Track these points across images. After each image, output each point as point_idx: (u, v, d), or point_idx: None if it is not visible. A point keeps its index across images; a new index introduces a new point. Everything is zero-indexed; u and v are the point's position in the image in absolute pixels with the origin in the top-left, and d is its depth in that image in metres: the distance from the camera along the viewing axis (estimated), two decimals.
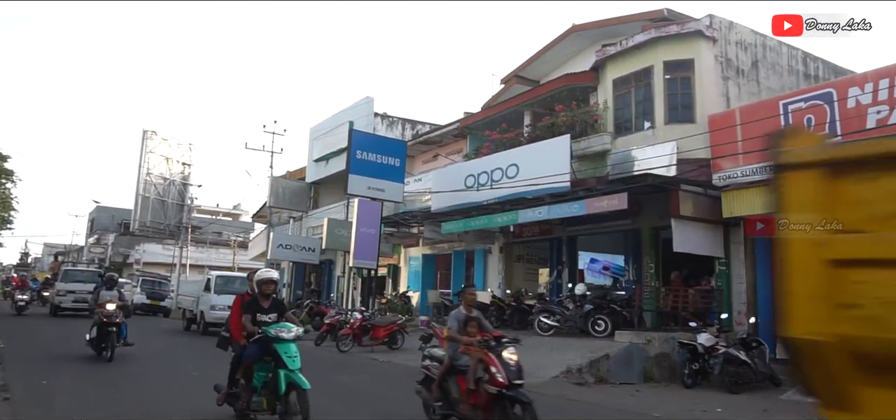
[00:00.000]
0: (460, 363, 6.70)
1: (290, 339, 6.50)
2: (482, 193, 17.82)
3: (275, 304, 7.01)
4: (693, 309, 13.95)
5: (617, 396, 10.56)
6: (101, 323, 11.61)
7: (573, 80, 17.98)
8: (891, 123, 11.29)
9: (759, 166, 12.87)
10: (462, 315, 6.89)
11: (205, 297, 20.19)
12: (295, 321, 6.96)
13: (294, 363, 6.41)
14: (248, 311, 6.86)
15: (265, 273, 7.27)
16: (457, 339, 6.74)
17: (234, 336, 7.16)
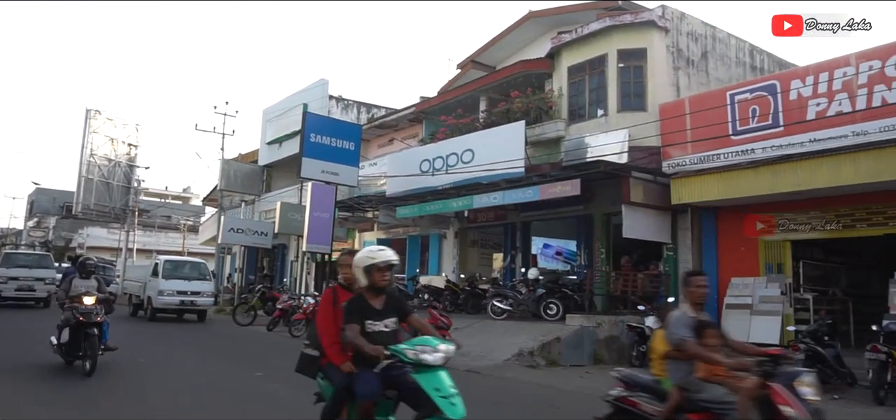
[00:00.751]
0: (701, 396, 4.36)
1: (438, 365, 4.05)
2: (437, 178, 17.78)
3: (392, 302, 4.49)
4: (642, 293, 14.30)
5: (567, 378, 10.74)
6: (76, 323, 8.61)
7: (529, 67, 18.07)
8: (829, 115, 11.73)
9: (707, 154, 13.26)
10: (690, 318, 4.58)
11: (152, 283, 19.63)
12: (433, 332, 4.58)
13: (454, 411, 3.88)
14: (355, 316, 4.23)
15: (379, 253, 4.41)
16: (698, 356, 4.36)
17: (330, 357, 4.44)
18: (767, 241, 13.59)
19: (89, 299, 8.76)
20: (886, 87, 11.07)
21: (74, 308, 8.67)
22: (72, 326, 8.65)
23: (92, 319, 8.55)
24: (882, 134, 10.84)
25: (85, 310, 8.62)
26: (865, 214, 12.24)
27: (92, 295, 8.85)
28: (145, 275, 20.96)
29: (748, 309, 12.94)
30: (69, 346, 8.81)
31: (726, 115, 13.14)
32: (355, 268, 4.35)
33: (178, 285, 19.23)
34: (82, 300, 8.72)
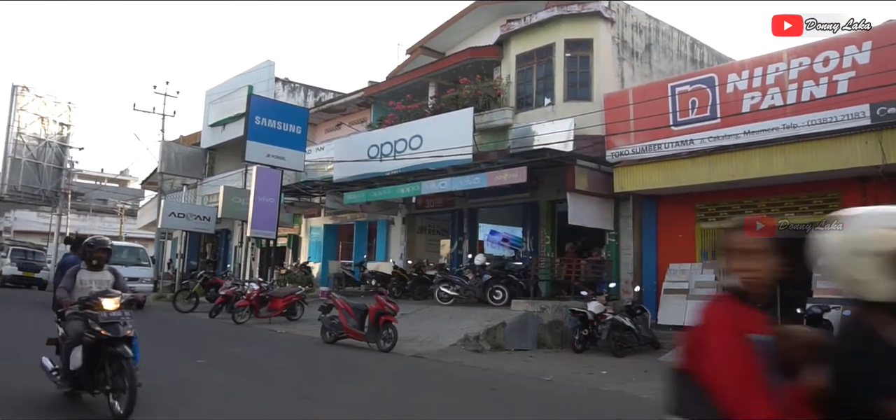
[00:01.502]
0: None
1: None
2: (385, 164, 17.70)
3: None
4: (585, 279, 14.64)
5: (511, 362, 10.92)
6: (95, 341, 5.70)
7: (478, 54, 18.14)
8: (762, 109, 12.25)
9: (649, 144, 13.65)
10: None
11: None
12: None
13: None
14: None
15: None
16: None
17: None
18: (704, 229, 14.12)
19: (110, 302, 5.80)
20: (814, 82, 11.65)
21: (90, 317, 5.75)
22: (88, 345, 5.67)
23: (120, 333, 5.72)
24: (810, 127, 11.40)
25: (108, 319, 5.72)
26: (794, 204, 12.88)
27: (113, 295, 5.88)
28: (79, 261, 20.07)
29: (685, 294, 13.44)
30: (84, 373, 5.78)
31: (667, 107, 13.56)
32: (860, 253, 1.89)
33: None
34: (101, 304, 5.78)
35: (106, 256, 6.30)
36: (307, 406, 6.98)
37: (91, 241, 6.38)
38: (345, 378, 9.02)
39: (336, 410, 6.81)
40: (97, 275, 6.19)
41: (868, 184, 11.63)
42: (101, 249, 6.26)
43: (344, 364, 10.22)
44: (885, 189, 11.47)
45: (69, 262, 6.78)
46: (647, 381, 9.36)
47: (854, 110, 10.92)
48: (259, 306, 15.34)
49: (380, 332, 11.35)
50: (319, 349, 11.77)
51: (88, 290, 5.97)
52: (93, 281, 6.09)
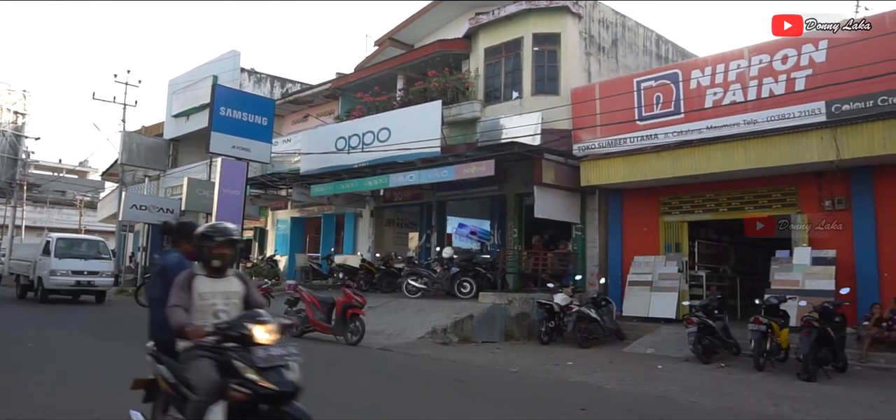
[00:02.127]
0: None
1: None
2: (353, 156, 17.56)
3: None
4: (551, 271, 14.79)
5: (479, 354, 10.99)
6: (248, 395, 3.45)
7: (446, 47, 18.11)
8: (724, 104, 12.52)
9: (614, 138, 13.84)
10: None
11: (43, 262, 18.28)
12: None
13: None
14: None
15: None
16: None
17: None
18: (667, 222, 14.40)
19: (265, 332, 3.56)
20: (774, 79, 11.96)
21: (236, 357, 3.49)
22: (237, 405, 3.48)
23: (288, 386, 3.60)
24: (769, 123, 11.70)
25: (268, 362, 3.50)
26: (753, 198, 13.22)
27: (264, 321, 3.61)
28: (35, 254, 19.49)
29: (649, 286, 13.69)
30: None
31: (633, 101, 13.75)
32: None
33: (73, 265, 18.02)
34: (253, 336, 3.53)
35: (232, 254, 3.90)
36: None
37: (210, 230, 3.92)
38: (311, 371, 8.90)
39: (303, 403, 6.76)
40: (221, 284, 3.85)
41: (823, 178, 12.01)
42: (227, 243, 3.84)
43: (310, 358, 10.08)
44: (838, 184, 11.88)
45: (172, 264, 4.19)
46: (612, 371, 9.53)
47: (810, 107, 11.24)
48: None
49: (347, 326, 11.29)
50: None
51: (212, 308, 3.76)
52: (216, 294, 3.81)
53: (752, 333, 9.65)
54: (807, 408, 7.19)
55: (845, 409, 7.23)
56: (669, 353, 11.16)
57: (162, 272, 4.23)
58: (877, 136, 10.57)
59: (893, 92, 10.40)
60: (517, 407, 7.10)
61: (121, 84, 29.45)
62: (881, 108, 10.53)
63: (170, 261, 4.28)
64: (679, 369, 9.76)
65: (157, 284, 4.21)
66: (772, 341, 9.60)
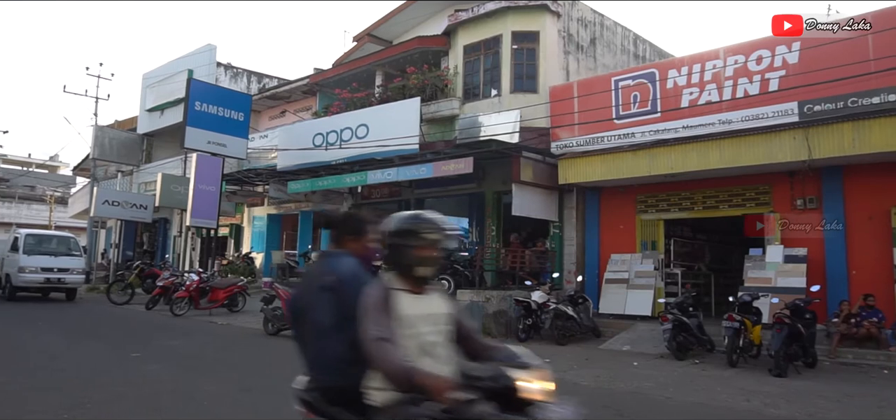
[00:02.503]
0: None
1: None
2: (331, 153, 17.45)
3: None
4: (529, 268, 14.84)
5: None
6: None
7: (425, 44, 18.06)
8: (700, 104, 12.67)
9: (592, 137, 13.93)
10: None
11: (12, 259, 17.88)
12: None
13: None
14: None
15: None
16: None
17: None
18: (644, 220, 14.53)
19: (540, 385, 2.45)
20: (748, 80, 12.12)
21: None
22: None
23: None
24: (743, 123, 11.86)
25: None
26: (727, 197, 13.40)
27: (534, 367, 2.55)
28: (3, 251, 19.05)
29: (625, 283, 13.82)
30: None
31: (610, 100, 13.84)
32: None
33: (42, 261, 17.64)
34: (525, 390, 2.39)
35: (442, 257, 2.73)
36: (248, 399, 6.83)
37: (414, 222, 2.66)
38: (288, 370, 8.82)
39: (278, 402, 6.68)
40: (425, 303, 2.64)
41: (795, 178, 12.21)
42: (440, 242, 2.66)
43: (287, 356, 10.02)
44: (810, 183, 12.09)
45: (350, 273, 2.79)
46: (589, 368, 9.58)
47: (783, 108, 11.42)
48: (199, 297, 14.91)
49: None
50: (262, 341, 11.53)
51: (418, 338, 2.55)
52: (422, 317, 2.60)
53: (725, 330, 9.78)
54: (777, 402, 7.31)
55: (813, 403, 7.36)
56: (645, 349, 11.27)
57: (337, 287, 2.68)
58: (847, 137, 10.78)
59: (863, 93, 10.62)
60: None
61: (93, 77, 28.92)
62: (851, 109, 10.73)
63: (345, 269, 2.74)
64: (654, 366, 9.86)
65: (324, 304, 2.70)
66: (745, 338, 9.75)
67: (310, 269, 3.28)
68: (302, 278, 3.28)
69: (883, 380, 8.98)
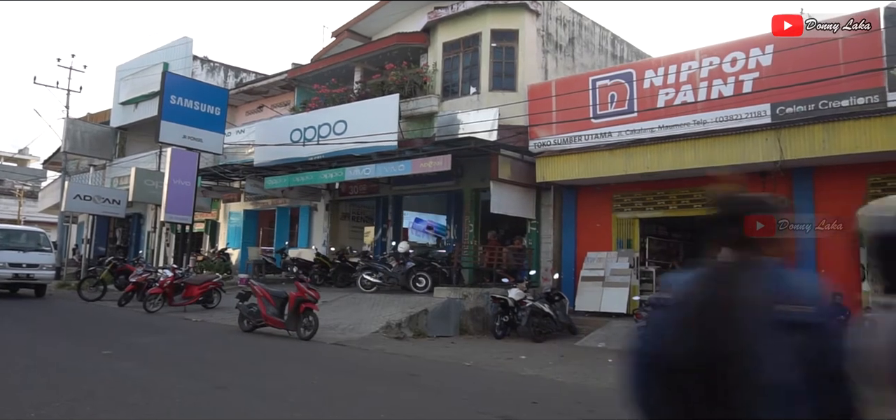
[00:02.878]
0: None
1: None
2: (309, 149, 17.33)
3: None
4: (506, 266, 14.92)
5: (433, 348, 10.99)
6: None
7: (405, 40, 18.01)
8: (676, 104, 12.83)
9: (570, 136, 14.03)
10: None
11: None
12: None
13: None
14: None
15: None
16: None
17: None
18: (620, 219, 14.68)
19: None
20: (723, 81, 12.30)
21: None
22: None
23: None
24: (717, 124, 12.05)
25: None
26: (701, 196, 13.57)
27: None
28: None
29: (601, 281, 13.94)
30: None
31: (588, 99, 13.95)
32: None
33: (10, 257, 17.20)
34: None
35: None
36: (223, 396, 6.75)
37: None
38: (263, 367, 8.79)
39: (253, 400, 6.63)
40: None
41: (767, 178, 12.41)
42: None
43: (262, 353, 9.96)
44: (782, 183, 12.30)
45: (826, 301, 1.99)
46: (564, 364, 9.66)
47: (756, 109, 11.63)
48: (173, 294, 14.70)
49: (300, 320, 11.13)
50: (237, 338, 11.42)
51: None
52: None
53: None
54: None
55: None
56: (620, 346, 11.37)
57: (812, 325, 1.66)
58: (817, 138, 11.01)
59: (833, 96, 10.85)
60: (470, 401, 7.12)
61: (64, 68, 28.31)
62: (821, 112, 10.96)
63: (821, 297, 1.80)
64: None
65: (784, 351, 1.62)
66: None
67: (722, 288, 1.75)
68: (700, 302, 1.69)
69: None
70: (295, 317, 11.14)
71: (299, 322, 11.12)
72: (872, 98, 10.57)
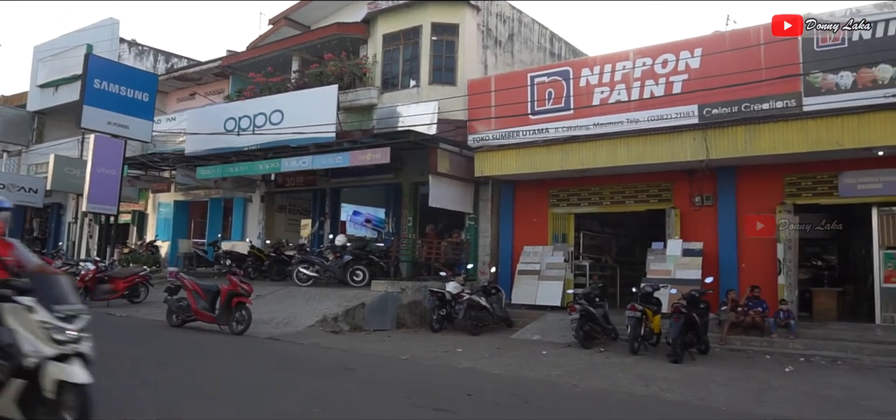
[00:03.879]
0: None
1: None
2: (244, 139, 16.86)
3: None
4: (444, 259, 14.97)
5: (369, 342, 10.91)
6: None
7: (344, 30, 17.75)
8: (610, 103, 13.17)
9: (508, 131, 14.20)
10: None
11: None
12: None
13: None
14: None
15: None
16: None
17: None
18: (556, 214, 14.98)
19: None
20: (654, 82, 12.72)
21: None
22: None
23: None
24: (649, 123, 12.46)
25: None
26: (633, 192, 14.04)
27: None
28: None
29: (537, 274, 14.20)
30: None
31: (526, 96, 14.15)
32: None
33: None
34: None
35: None
36: (150, 394, 6.47)
37: None
38: (192, 362, 8.50)
39: (181, 396, 6.40)
40: None
41: (694, 176, 12.96)
42: None
43: (191, 348, 9.63)
44: (707, 181, 12.87)
45: None
46: (500, 357, 9.79)
47: (685, 109, 12.10)
48: (95, 288, 14.00)
49: (232, 315, 10.81)
50: (165, 333, 10.99)
51: None
52: None
53: (628, 320, 10.27)
54: (673, 387, 7.74)
55: (705, 387, 7.86)
56: (554, 339, 11.63)
57: None
58: (740, 139, 11.55)
59: (755, 100, 11.40)
60: (405, 393, 7.11)
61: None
62: (744, 114, 11.51)
63: None
64: (562, 354, 10.20)
65: None
66: (646, 327, 10.27)
67: None
68: None
69: (765, 364, 9.71)
70: (227, 311, 10.82)
71: (231, 316, 10.80)
72: (790, 102, 11.18)
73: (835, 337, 10.81)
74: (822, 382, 8.36)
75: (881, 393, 7.86)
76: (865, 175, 11.53)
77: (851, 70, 10.70)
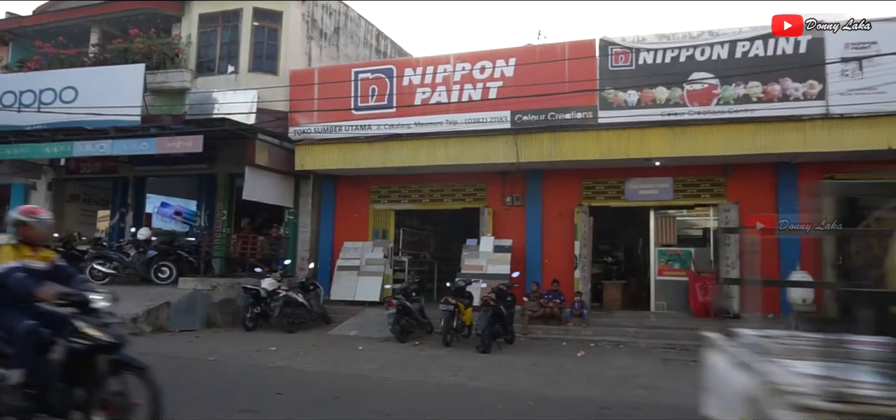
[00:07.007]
0: None
1: None
2: (26, 116, 14.77)
3: None
4: (261, 255, 14.40)
5: (173, 343, 10.15)
6: None
7: (155, 5, 16.26)
8: (431, 103, 13.59)
9: (330, 125, 14.03)
10: None
11: None
12: None
13: None
14: None
15: None
16: None
17: None
18: (376, 210, 15.11)
19: None
20: (472, 86, 13.36)
21: None
22: None
23: None
24: (466, 125, 13.09)
25: None
26: (451, 191, 14.63)
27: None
28: None
29: (356, 270, 14.21)
30: None
31: (350, 91, 14.10)
32: None
33: None
34: None
35: None
36: None
37: None
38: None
39: None
40: None
41: (506, 178, 13.84)
42: None
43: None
44: (518, 183, 13.82)
45: None
46: (315, 354, 9.65)
47: (499, 115, 12.89)
48: None
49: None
50: None
51: None
52: None
53: (442, 313, 10.68)
54: (480, 375, 8.21)
55: (508, 374, 8.44)
56: (371, 334, 11.73)
57: None
58: (545, 145, 12.56)
59: (559, 109, 12.48)
60: (210, 397, 6.73)
61: None
62: (550, 122, 12.56)
63: None
64: (378, 349, 10.32)
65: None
66: (458, 320, 10.75)
67: None
68: None
69: (562, 350, 10.66)
70: None
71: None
72: (588, 114, 12.40)
73: (619, 324, 12.20)
74: (606, 364, 9.38)
75: (651, 370, 9.01)
76: (646, 182, 13.17)
77: (637, 89, 12.16)
